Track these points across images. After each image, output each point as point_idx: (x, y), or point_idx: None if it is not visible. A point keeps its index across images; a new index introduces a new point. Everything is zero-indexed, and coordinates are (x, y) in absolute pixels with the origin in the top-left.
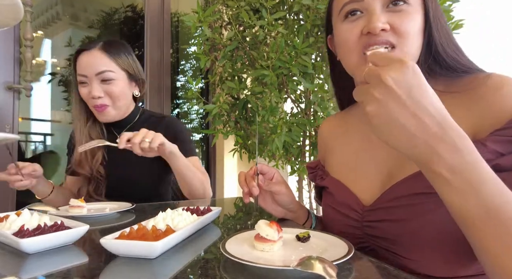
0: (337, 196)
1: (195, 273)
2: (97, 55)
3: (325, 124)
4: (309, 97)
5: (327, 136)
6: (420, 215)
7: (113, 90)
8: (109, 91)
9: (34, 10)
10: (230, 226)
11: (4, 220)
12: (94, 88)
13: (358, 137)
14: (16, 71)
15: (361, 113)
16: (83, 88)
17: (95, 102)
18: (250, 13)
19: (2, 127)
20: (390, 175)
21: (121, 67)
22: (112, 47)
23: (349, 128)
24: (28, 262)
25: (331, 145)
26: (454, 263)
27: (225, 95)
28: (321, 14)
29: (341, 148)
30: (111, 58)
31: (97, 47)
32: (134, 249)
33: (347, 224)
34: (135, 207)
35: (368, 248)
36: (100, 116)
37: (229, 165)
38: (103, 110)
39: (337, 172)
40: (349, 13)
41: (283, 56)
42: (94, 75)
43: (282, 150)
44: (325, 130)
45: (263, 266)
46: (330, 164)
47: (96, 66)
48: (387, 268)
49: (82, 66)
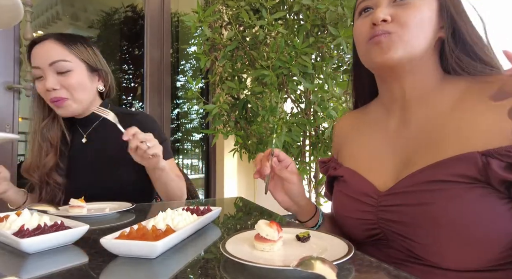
0: (351, 183)
1: (195, 273)
2: (50, 45)
3: (343, 119)
4: (309, 97)
5: (344, 131)
6: (446, 199)
7: (70, 82)
8: (65, 83)
9: (34, 10)
10: (230, 226)
11: (4, 220)
12: (49, 80)
13: (375, 129)
14: (16, 71)
15: (379, 109)
16: (39, 84)
17: (51, 95)
18: (250, 13)
19: (2, 127)
20: (407, 164)
21: (79, 57)
22: (66, 37)
23: (366, 121)
24: (28, 262)
25: (346, 139)
26: (467, 255)
27: (225, 95)
28: (321, 14)
29: (356, 138)
30: (65, 47)
31: (49, 38)
32: (134, 249)
33: (360, 210)
34: (135, 207)
35: (380, 234)
36: (59, 111)
37: (229, 165)
38: (62, 104)
39: (352, 161)
40: (363, 10)
41: (283, 56)
42: (48, 65)
43: (282, 150)
44: (343, 125)
45: (263, 266)
46: (345, 155)
47: (49, 57)
48: (387, 268)
49: (34, 58)
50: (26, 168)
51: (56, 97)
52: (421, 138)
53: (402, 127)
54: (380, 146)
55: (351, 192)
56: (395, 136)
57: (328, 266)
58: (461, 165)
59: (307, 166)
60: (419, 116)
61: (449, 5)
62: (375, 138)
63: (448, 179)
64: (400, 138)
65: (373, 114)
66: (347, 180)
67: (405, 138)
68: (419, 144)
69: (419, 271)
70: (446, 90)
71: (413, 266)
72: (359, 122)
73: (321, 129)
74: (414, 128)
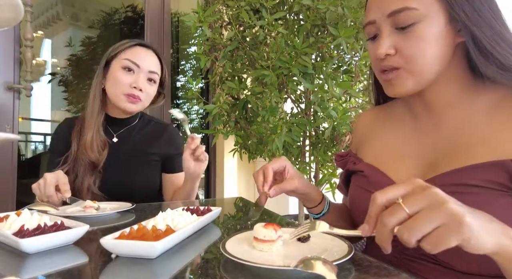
0: (371, 178)
1: (195, 273)
2: (154, 55)
3: (365, 114)
4: (309, 97)
5: (367, 125)
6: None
7: (151, 91)
8: (148, 90)
9: (34, 10)
10: (230, 226)
11: (4, 220)
12: (143, 81)
13: (402, 127)
14: (16, 71)
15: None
16: (126, 75)
17: (133, 91)
18: (250, 13)
19: (2, 127)
20: (434, 166)
21: (161, 77)
22: (161, 56)
23: (391, 118)
24: (28, 262)
25: (369, 134)
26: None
27: (225, 95)
28: (321, 14)
29: (379, 135)
30: (161, 65)
31: (152, 49)
32: (134, 249)
33: None
34: (135, 207)
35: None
36: (128, 105)
37: (229, 165)
38: (136, 102)
39: (373, 157)
40: (370, 35)
41: (283, 56)
42: (147, 70)
43: (282, 150)
44: (365, 119)
45: (263, 266)
46: (367, 151)
47: (152, 64)
48: (387, 268)
49: (137, 56)
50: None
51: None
52: (452, 142)
53: (431, 129)
54: (404, 145)
55: (370, 186)
56: (423, 137)
57: (328, 266)
58: (492, 171)
59: (307, 166)
60: (450, 120)
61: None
62: (399, 137)
63: (477, 184)
64: (428, 139)
65: (398, 112)
66: (367, 175)
67: (433, 140)
68: (449, 147)
69: (433, 270)
70: (481, 96)
71: (427, 265)
72: (382, 119)
73: (321, 129)
74: (444, 131)
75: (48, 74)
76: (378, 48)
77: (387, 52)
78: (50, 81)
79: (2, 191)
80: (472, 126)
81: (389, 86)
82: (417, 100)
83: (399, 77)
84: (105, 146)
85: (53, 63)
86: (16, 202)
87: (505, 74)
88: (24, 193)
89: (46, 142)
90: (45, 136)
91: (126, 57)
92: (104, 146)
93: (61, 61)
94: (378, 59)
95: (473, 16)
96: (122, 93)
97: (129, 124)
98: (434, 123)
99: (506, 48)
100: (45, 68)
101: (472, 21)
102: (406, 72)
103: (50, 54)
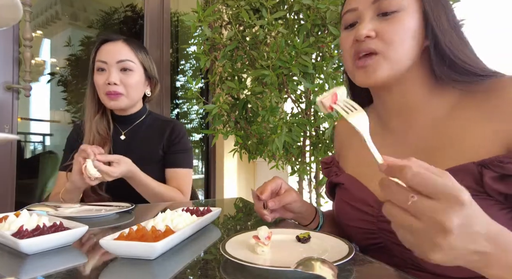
0: (352, 192)
1: (194, 274)
2: (120, 45)
3: (341, 123)
4: (309, 97)
5: (344, 133)
6: None
7: (130, 80)
8: (125, 81)
9: (33, 9)
10: (230, 227)
11: (3, 221)
12: (113, 75)
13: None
14: (15, 71)
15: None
16: (99, 76)
17: (109, 88)
18: (250, 13)
19: (1, 127)
20: None
21: (140, 61)
22: (133, 42)
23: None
24: (27, 263)
25: (348, 142)
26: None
27: (225, 95)
28: (322, 13)
29: (356, 144)
30: (132, 51)
31: (121, 39)
32: (134, 250)
33: (361, 218)
34: (134, 207)
35: (380, 244)
36: (111, 103)
37: (229, 165)
38: (117, 98)
39: (353, 168)
40: (348, 23)
41: (283, 56)
42: (115, 62)
43: (282, 150)
44: (341, 129)
45: (263, 267)
46: (346, 160)
47: (118, 55)
48: (387, 269)
49: (103, 53)
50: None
51: (114, 91)
52: (419, 147)
53: (402, 135)
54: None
55: (352, 200)
56: (395, 144)
57: (328, 267)
58: (459, 176)
59: (307, 167)
60: (418, 124)
61: (430, 14)
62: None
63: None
64: (399, 146)
65: (371, 120)
66: (347, 188)
67: (403, 147)
68: (417, 152)
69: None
70: (441, 98)
71: (416, 273)
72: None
73: (322, 129)
74: (414, 136)
75: (47, 74)
76: (359, 30)
77: (368, 34)
78: (49, 81)
79: (1, 192)
80: (436, 129)
81: (363, 73)
82: (385, 106)
83: (376, 63)
84: (105, 144)
85: (52, 63)
86: (15, 203)
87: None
88: (23, 193)
89: (45, 142)
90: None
91: (97, 58)
92: (104, 145)
93: (60, 61)
94: (354, 44)
95: (441, 22)
96: (103, 94)
97: (135, 122)
98: (403, 129)
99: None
100: (44, 68)
101: (439, 25)
102: (383, 58)
103: (49, 54)
